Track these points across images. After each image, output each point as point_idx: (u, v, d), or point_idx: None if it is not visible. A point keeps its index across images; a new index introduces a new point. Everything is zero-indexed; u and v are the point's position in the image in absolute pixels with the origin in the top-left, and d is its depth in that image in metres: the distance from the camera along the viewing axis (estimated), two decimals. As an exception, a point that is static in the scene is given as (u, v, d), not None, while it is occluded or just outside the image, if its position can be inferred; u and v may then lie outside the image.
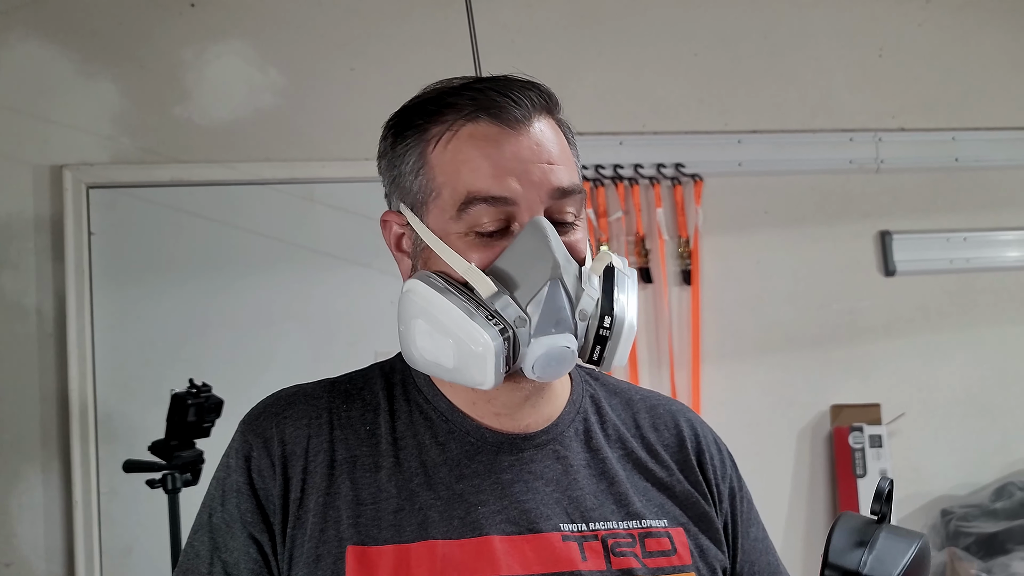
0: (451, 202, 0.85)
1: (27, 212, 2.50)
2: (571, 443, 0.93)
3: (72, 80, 2.56)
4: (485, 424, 0.90)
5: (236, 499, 0.87)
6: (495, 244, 0.84)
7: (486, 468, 0.88)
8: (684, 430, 0.99)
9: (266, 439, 0.88)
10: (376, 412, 0.91)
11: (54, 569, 2.41)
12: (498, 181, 0.83)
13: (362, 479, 0.86)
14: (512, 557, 0.83)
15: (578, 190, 0.88)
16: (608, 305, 0.87)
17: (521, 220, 0.84)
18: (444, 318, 0.82)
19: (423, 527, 0.84)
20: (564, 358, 0.84)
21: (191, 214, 2.61)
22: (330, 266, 2.67)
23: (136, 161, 2.57)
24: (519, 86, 0.88)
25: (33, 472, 2.42)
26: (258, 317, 2.62)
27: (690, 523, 0.92)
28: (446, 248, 0.85)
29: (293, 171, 2.67)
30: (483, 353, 0.80)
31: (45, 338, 2.47)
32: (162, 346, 2.55)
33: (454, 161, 0.85)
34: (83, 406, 2.45)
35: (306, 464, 0.87)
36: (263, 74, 2.69)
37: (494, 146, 0.84)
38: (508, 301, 0.82)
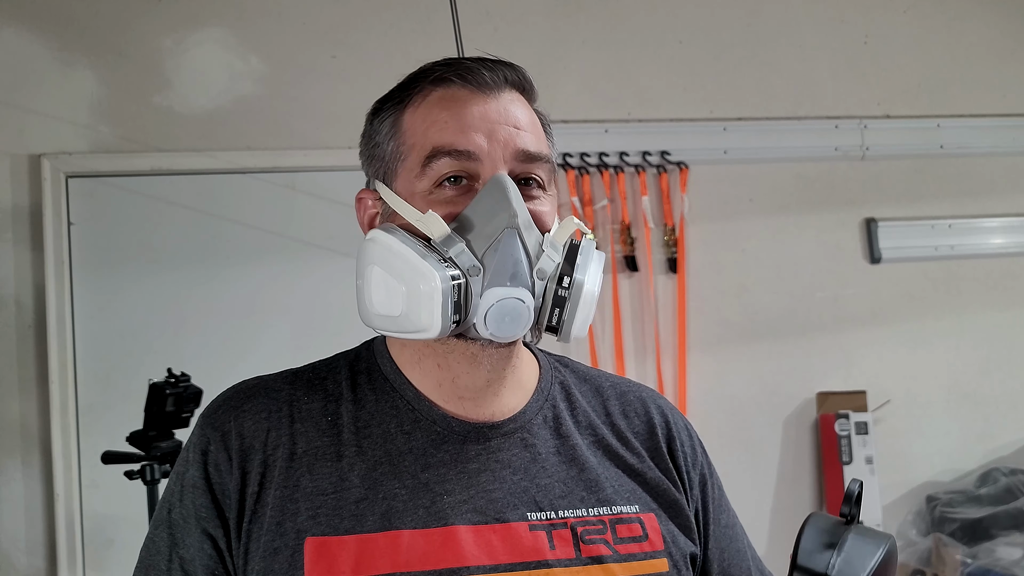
0: (417, 160, 0.85)
1: (5, 202, 2.46)
2: (539, 431, 0.91)
3: (50, 68, 2.53)
4: (452, 413, 0.89)
5: (192, 494, 0.85)
6: (459, 201, 0.84)
7: (452, 457, 0.87)
8: (655, 417, 0.98)
9: (224, 432, 0.86)
10: (339, 402, 0.89)
11: (36, 562, 2.38)
12: (463, 135, 0.84)
13: (322, 469, 0.84)
14: (478, 548, 0.82)
15: (545, 158, 0.87)
16: (569, 268, 0.85)
17: (484, 177, 0.84)
18: (397, 261, 0.81)
19: (386, 517, 0.82)
20: (518, 313, 0.81)
21: (172, 203, 2.58)
22: (313, 255, 2.65)
23: (116, 150, 2.55)
24: (496, 61, 0.89)
25: (13, 465, 2.40)
26: (240, 307, 2.59)
27: (660, 509, 0.91)
28: (406, 204, 0.85)
29: (275, 160, 2.64)
30: (430, 292, 0.79)
31: (24, 329, 2.45)
32: (143, 337, 2.53)
33: (424, 122, 0.86)
34: (64, 398, 2.43)
35: (264, 458, 0.85)
36: (244, 62, 2.66)
37: (461, 105, 0.85)
38: (462, 248, 0.82)
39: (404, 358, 0.91)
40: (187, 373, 1.81)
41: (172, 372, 1.80)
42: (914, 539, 2.67)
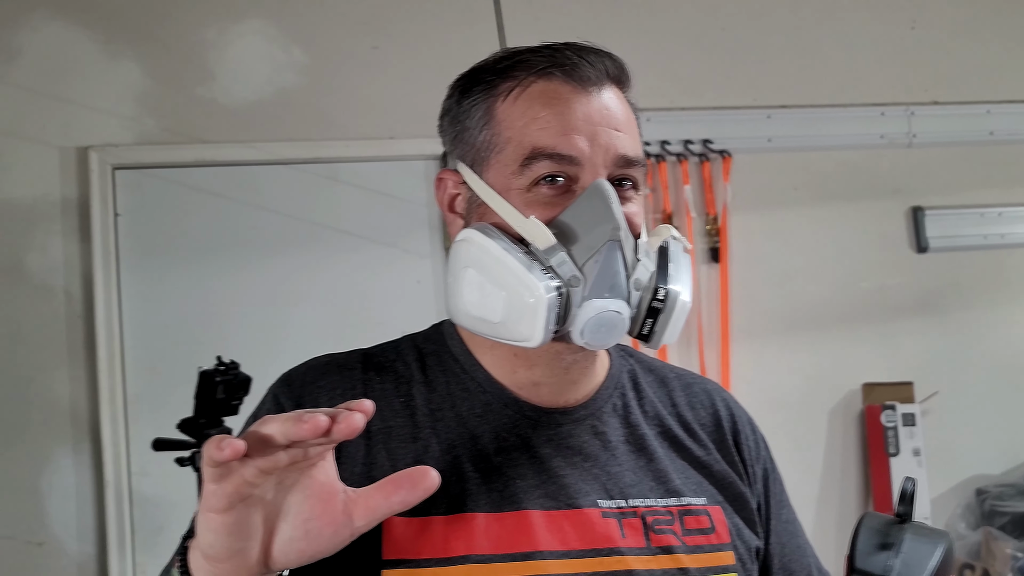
0: (514, 157, 0.83)
1: (54, 194, 2.50)
2: (609, 419, 0.91)
3: (96, 61, 2.56)
4: (523, 397, 0.89)
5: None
6: (556, 203, 0.83)
7: (523, 442, 0.87)
8: (720, 410, 0.98)
9: (299, 404, 0.86)
10: (410, 383, 0.89)
11: (86, 549, 2.42)
12: (565, 139, 0.82)
13: (398, 449, 0.85)
14: (551, 533, 0.82)
15: (641, 163, 0.86)
16: (663, 278, 0.84)
17: (584, 182, 0.82)
18: (498, 268, 0.80)
19: (460, 499, 0.82)
20: (615, 324, 0.81)
21: (215, 194, 2.60)
22: (354, 246, 2.66)
23: (160, 141, 2.57)
24: (595, 51, 0.86)
25: (64, 452, 2.44)
26: (283, 297, 2.61)
27: (727, 502, 0.91)
28: (504, 203, 0.83)
29: (316, 151, 2.65)
30: (535, 305, 0.78)
31: (74, 319, 2.48)
32: (188, 326, 2.55)
33: (523, 116, 0.84)
34: (112, 386, 2.46)
35: None
36: (286, 53, 2.67)
37: (564, 104, 0.83)
38: (564, 258, 0.80)
39: (477, 342, 0.91)
40: (236, 361, 1.83)
41: (222, 360, 1.82)
42: (963, 533, 2.63)
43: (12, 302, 2.44)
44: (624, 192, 0.85)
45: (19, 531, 2.39)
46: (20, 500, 2.39)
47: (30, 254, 2.48)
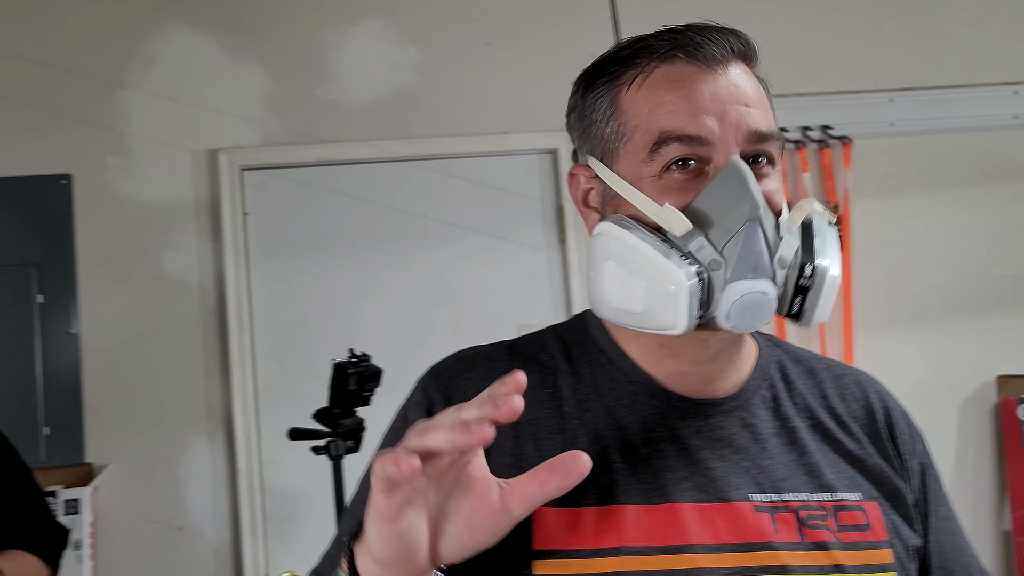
0: (643, 144, 0.81)
1: (187, 195, 2.62)
2: (758, 410, 0.88)
3: (223, 67, 2.67)
4: (671, 387, 0.87)
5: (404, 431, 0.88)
6: (689, 187, 0.80)
7: (672, 433, 0.85)
8: (873, 402, 0.94)
9: (447, 396, 0.87)
10: (556, 374, 0.89)
11: (222, 534, 2.53)
12: (693, 120, 0.79)
13: (547, 440, 0.84)
14: (702, 526, 0.80)
15: (775, 136, 0.82)
16: (809, 254, 0.81)
17: (717, 162, 0.79)
18: (637, 258, 0.79)
19: (609, 491, 0.81)
20: (761, 306, 0.78)
21: (337, 192, 2.68)
22: (469, 240, 2.69)
23: (284, 143, 2.66)
24: (718, 29, 0.84)
25: (200, 442, 2.55)
26: (401, 290, 2.67)
27: (883, 498, 0.87)
28: (636, 192, 0.82)
29: (431, 147, 2.70)
30: (676, 292, 0.77)
31: (207, 314, 2.59)
32: (313, 319, 2.64)
33: (648, 102, 0.82)
34: (243, 379, 2.57)
35: None
36: (401, 52, 2.72)
37: (689, 85, 0.80)
38: (703, 242, 0.78)
39: (621, 332, 0.90)
40: (367, 353, 1.88)
41: (354, 352, 1.87)
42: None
43: (151, 298, 2.57)
44: (760, 169, 0.82)
45: (161, 516, 2.52)
46: (162, 487, 2.52)
47: (166, 253, 2.60)
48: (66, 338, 2.55)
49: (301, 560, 2.56)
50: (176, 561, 2.50)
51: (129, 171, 2.61)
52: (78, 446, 2.51)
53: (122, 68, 2.62)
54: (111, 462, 2.50)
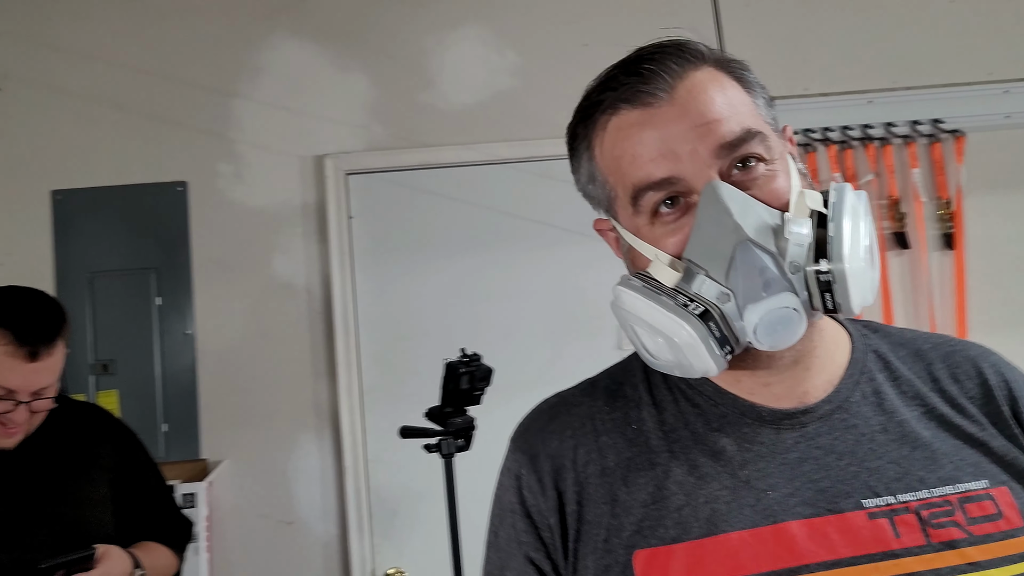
0: (625, 199, 0.82)
1: (295, 199, 2.70)
2: (860, 408, 0.84)
3: (328, 75, 2.74)
4: (758, 402, 0.84)
5: (511, 518, 0.87)
6: (684, 223, 0.79)
7: (769, 450, 0.82)
8: (990, 377, 0.88)
9: (532, 456, 0.87)
10: (639, 407, 0.87)
11: (330, 529, 2.60)
12: (655, 164, 0.78)
13: (638, 480, 0.82)
14: (815, 543, 0.77)
15: (752, 134, 0.79)
16: (822, 248, 0.77)
17: (698, 188, 0.78)
18: (648, 319, 0.79)
19: (711, 521, 0.79)
20: (788, 320, 0.76)
21: (438, 195, 2.73)
22: (570, 241, 2.70)
23: (387, 147, 2.72)
24: (649, 57, 0.81)
25: (308, 439, 2.63)
26: (502, 292, 2.70)
27: (1012, 481, 0.81)
28: (640, 242, 0.82)
29: (531, 149, 2.72)
30: (688, 343, 0.76)
31: (314, 316, 2.67)
32: (416, 320, 2.69)
33: (612, 158, 0.83)
34: (349, 379, 2.63)
35: (576, 475, 0.84)
36: (500, 56, 2.75)
37: (639, 131, 0.79)
38: (703, 279, 0.77)
39: None
40: (478, 353, 1.91)
41: (465, 352, 1.90)
42: None
43: (262, 300, 2.66)
44: (748, 174, 0.79)
45: (272, 511, 2.60)
46: (273, 483, 2.60)
47: (275, 256, 2.69)
48: (183, 338, 2.66)
49: (406, 557, 2.62)
50: (286, 555, 2.58)
51: (240, 177, 2.71)
52: (194, 442, 2.61)
53: (234, 79, 2.72)
54: (225, 458, 2.60)
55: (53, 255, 2.66)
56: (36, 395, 1.56)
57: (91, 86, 2.69)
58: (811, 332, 0.82)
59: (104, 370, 2.63)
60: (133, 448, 1.83)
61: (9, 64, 2.69)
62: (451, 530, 1.88)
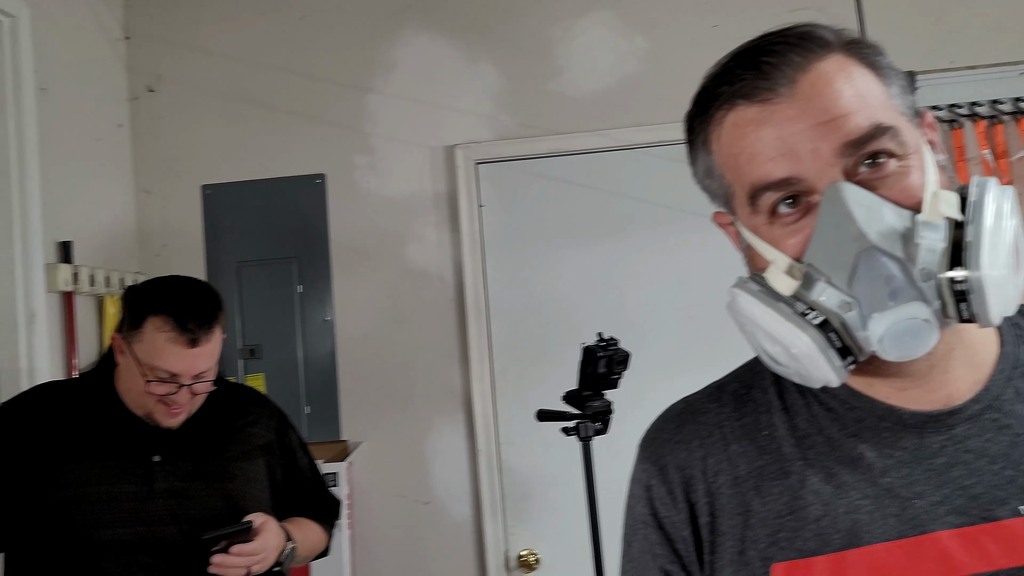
0: (743, 198, 0.77)
1: (427, 189, 2.77)
2: (1013, 407, 0.77)
3: (459, 67, 2.80)
4: (897, 405, 0.78)
5: (644, 530, 0.86)
6: (803, 225, 0.74)
7: (912, 455, 0.76)
8: None
9: (661, 467, 0.85)
10: (770, 412, 0.83)
11: (464, 510, 2.67)
12: (774, 163, 0.73)
13: (772, 490, 0.79)
14: (970, 554, 0.72)
15: (882, 129, 0.72)
16: (957, 254, 0.70)
17: (820, 188, 0.72)
18: (765, 326, 0.75)
19: (853, 533, 0.75)
20: (917, 331, 0.69)
21: (567, 182, 2.75)
22: (702, 226, 2.66)
23: (516, 136, 2.75)
24: (769, 49, 0.75)
25: (443, 422, 2.70)
26: (633, 278, 2.70)
27: None
28: (759, 242, 0.77)
29: (660, 134, 2.69)
30: (806, 353, 0.72)
31: (447, 302, 2.74)
32: (545, 306, 2.72)
33: (729, 155, 0.77)
34: (481, 364, 2.69)
35: (707, 486, 0.82)
36: (628, 41, 2.75)
37: (756, 128, 0.74)
38: (824, 286, 0.72)
39: None
40: (615, 337, 1.92)
41: (602, 336, 1.92)
42: None
43: (398, 287, 2.75)
44: (878, 171, 0.72)
45: (409, 491, 2.68)
46: (410, 464, 2.69)
47: (409, 244, 2.77)
48: (322, 325, 2.77)
49: (539, 539, 2.66)
50: (423, 533, 2.66)
51: (375, 169, 2.80)
52: (335, 424, 2.72)
53: (368, 74, 2.81)
54: (364, 440, 2.70)
55: (204, 246, 2.82)
56: (197, 378, 1.65)
57: (236, 86, 2.84)
58: (947, 336, 0.75)
59: (251, 355, 2.77)
60: (285, 428, 1.92)
61: (162, 67, 2.87)
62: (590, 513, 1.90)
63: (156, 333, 1.59)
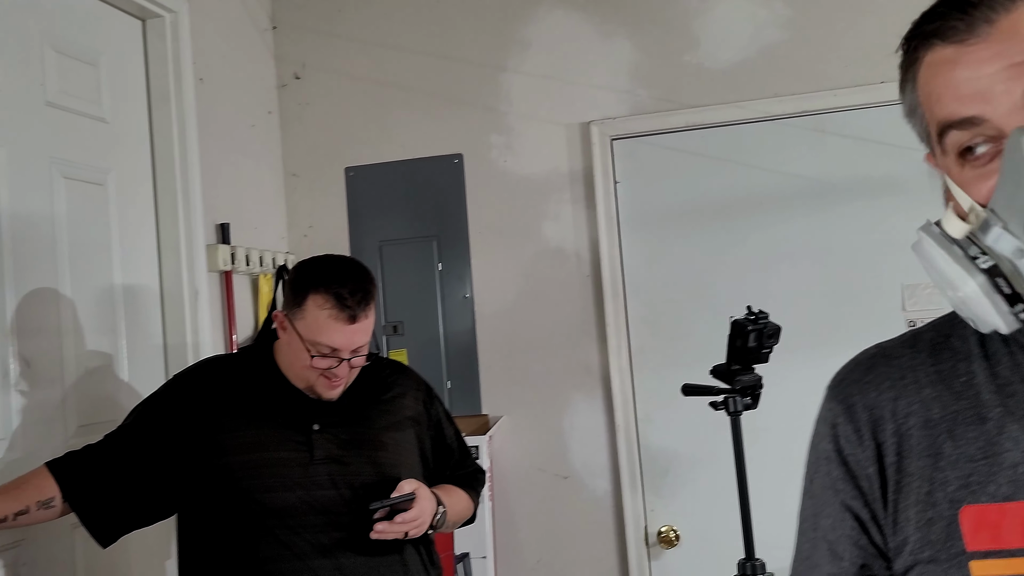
0: (936, 139, 0.77)
1: (563, 167, 2.79)
2: None
3: (593, 42, 2.79)
4: None
5: (827, 466, 0.87)
6: (991, 170, 0.73)
7: None
8: None
9: (848, 406, 0.86)
10: (969, 360, 0.82)
11: (603, 485, 2.69)
12: (960, 103, 0.73)
13: (965, 434, 0.79)
14: None
15: None
16: None
17: (1007, 135, 0.71)
18: (938, 268, 0.76)
19: None
20: None
21: (704, 156, 2.70)
22: (844, 198, 2.59)
23: (652, 111, 2.73)
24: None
25: (581, 399, 2.73)
26: (772, 252, 2.64)
27: None
28: (951, 184, 0.78)
29: (802, 104, 2.63)
30: (972, 297, 0.73)
31: (583, 279, 2.75)
32: (682, 282, 2.69)
33: (925, 94, 0.78)
34: (619, 340, 2.69)
35: (897, 427, 0.82)
36: (768, 9, 2.67)
37: (949, 68, 0.74)
38: (1000, 232, 0.71)
39: None
40: (765, 311, 1.89)
41: (751, 309, 1.89)
42: None
43: (535, 265, 2.78)
44: None
45: (549, 465, 2.73)
46: (549, 439, 2.73)
47: (546, 222, 2.79)
48: (462, 302, 2.84)
49: (679, 515, 2.65)
50: (563, 507, 2.70)
51: (511, 148, 2.83)
52: (475, 398, 2.79)
53: (503, 53, 2.84)
54: (504, 414, 2.75)
55: (348, 226, 2.93)
56: (355, 352, 1.73)
57: (376, 70, 2.92)
58: None
59: (394, 331, 2.87)
60: (432, 399, 1.98)
61: (306, 55, 2.98)
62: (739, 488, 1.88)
63: (318, 310, 1.67)
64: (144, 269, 2.33)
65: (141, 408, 1.79)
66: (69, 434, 1.99)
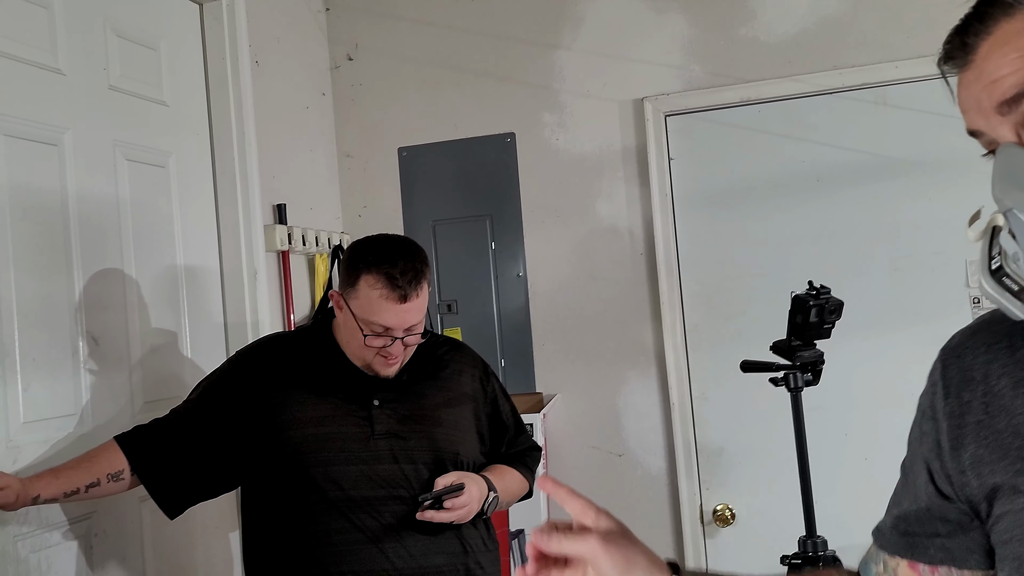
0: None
1: (616, 144, 2.77)
2: None
3: (646, 18, 2.76)
4: None
5: (921, 420, 0.90)
6: None
7: None
8: None
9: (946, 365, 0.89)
10: None
11: (658, 463, 2.69)
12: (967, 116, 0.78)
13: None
14: None
15: None
16: None
17: None
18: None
19: None
20: None
21: (760, 131, 2.66)
22: (905, 172, 2.53)
23: (706, 86, 2.69)
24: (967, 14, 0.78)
25: (635, 376, 2.72)
26: (834, 228, 2.59)
27: None
28: None
29: (863, 76, 2.57)
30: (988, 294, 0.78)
31: (637, 257, 2.73)
32: (737, 259, 2.66)
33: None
34: (673, 318, 2.67)
35: (987, 387, 0.84)
36: (826, -20, 2.61)
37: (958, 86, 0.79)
38: (1006, 235, 0.75)
39: None
40: (827, 286, 1.86)
41: (813, 284, 1.86)
42: None
43: (588, 243, 2.77)
44: None
45: (603, 443, 2.73)
46: (603, 417, 2.73)
47: (599, 200, 2.78)
48: (515, 280, 2.84)
49: (735, 494, 2.64)
50: (618, 485, 2.70)
51: (564, 126, 2.82)
52: (529, 377, 2.80)
53: (556, 31, 2.82)
54: (558, 392, 2.76)
55: (401, 205, 2.95)
56: (408, 331, 1.74)
57: (428, 51, 2.93)
58: None
59: (448, 310, 2.89)
60: (487, 376, 2.00)
61: (360, 36, 3.00)
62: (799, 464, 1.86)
63: (370, 291, 1.69)
64: (204, 249, 2.38)
65: (207, 383, 1.83)
66: (136, 409, 2.05)
